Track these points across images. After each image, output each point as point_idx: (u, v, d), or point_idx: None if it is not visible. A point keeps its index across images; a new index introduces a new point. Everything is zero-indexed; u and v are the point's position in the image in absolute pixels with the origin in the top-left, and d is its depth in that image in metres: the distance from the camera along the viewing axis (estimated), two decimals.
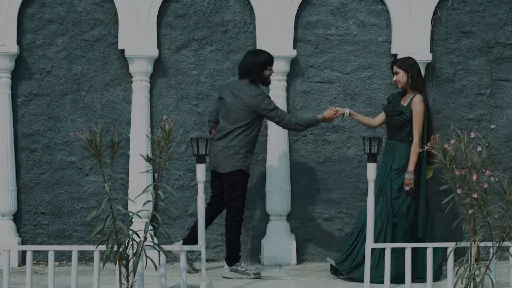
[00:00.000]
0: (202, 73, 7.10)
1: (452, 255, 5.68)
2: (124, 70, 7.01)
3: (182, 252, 5.67)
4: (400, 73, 6.34)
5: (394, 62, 6.40)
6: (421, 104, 6.26)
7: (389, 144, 6.44)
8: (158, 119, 6.98)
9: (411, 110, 6.27)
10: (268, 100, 6.34)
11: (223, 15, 7.09)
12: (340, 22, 7.16)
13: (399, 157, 6.33)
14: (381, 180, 6.34)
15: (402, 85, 6.37)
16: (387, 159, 6.40)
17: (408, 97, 6.37)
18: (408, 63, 6.33)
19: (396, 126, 6.37)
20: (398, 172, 6.32)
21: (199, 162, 5.81)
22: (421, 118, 6.24)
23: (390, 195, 6.32)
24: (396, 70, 6.36)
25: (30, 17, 6.98)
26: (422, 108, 6.25)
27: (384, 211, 6.29)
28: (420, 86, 6.34)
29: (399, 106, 6.36)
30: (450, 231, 6.86)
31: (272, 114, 6.34)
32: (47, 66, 7.00)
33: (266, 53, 6.48)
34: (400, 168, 6.31)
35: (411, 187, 6.24)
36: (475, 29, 7.21)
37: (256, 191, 7.16)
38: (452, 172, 5.31)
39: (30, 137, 7.00)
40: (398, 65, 6.35)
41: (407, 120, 6.29)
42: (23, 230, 7.00)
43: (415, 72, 6.32)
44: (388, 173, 6.35)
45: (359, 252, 6.29)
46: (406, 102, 6.35)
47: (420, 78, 6.36)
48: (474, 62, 7.22)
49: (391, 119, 6.42)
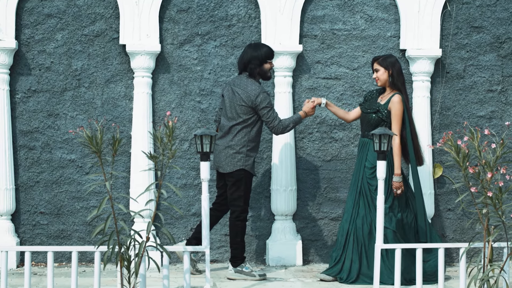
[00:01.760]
0: (206, 69, 7.06)
1: (465, 256, 5.61)
2: (125, 66, 6.99)
3: (186, 253, 5.63)
4: (381, 71, 6.30)
5: (375, 59, 6.37)
6: (400, 103, 6.21)
7: (362, 142, 6.40)
8: (161, 116, 6.98)
9: (389, 109, 6.23)
10: (264, 96, 6.25)
11: (227, 9, 7.05)
12: (347, 17, 7.12)
13: (372, 156, 6.26)
14: (357, 181, 6.33)
15: (381, 83, 6.34)
16: (361, 157, 6.36)
17: (387, 96, 6.33)
18: (389, 60, 6.30)
19: (371, 124, 6.31)
20: (372, 171, 6.25)
21: (203, 159, 5.76)
22: (400, 118, 6.21)
23: (370, 197, 6.25)
24: (376, 67, 6.33)
25: (29, 11, 6.94)
26: (401, 108, 6.21)
27: (369, 214, 6.24)
28: (400, 85, 6.30)
29: (376, 104, 6.32)
30: (459, 231, 6.81)
31: (264, 112, 6.26)
32: (46, 62, 6.96)
33: (266, 46, 6.42)
34: (374, 166, 6.22)
35: (402, 190, 6.22)
36: (486, 24, 7.16)
37: (261, 190, 7.12)
38: (466, 170, 5.23)
39: (28, 134, 6.96)
40: (379, 62, 6.32)
41: (382, 118, 6.25)
42: (22, 230, 6.97)
43: (396, 70, 6.28)
44: (363, 172, 6.30)
45: (346, 258, 6.25)
46: (384, 101, 6.32)
47: (400, 77, 6.31)
48: (485, 58, 7.16)
49: (366, 116, 6.36)
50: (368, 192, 6.25)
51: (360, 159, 6.36)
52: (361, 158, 6.35)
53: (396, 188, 6.21)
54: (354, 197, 6.31)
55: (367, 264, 6.20)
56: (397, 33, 7.09)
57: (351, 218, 6.28)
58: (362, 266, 6.22)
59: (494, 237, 5.28)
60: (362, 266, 6.22)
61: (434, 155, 7.09)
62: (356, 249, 6.22)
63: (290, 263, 6.98)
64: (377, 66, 6.32)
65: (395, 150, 6.19)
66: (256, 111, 6.28)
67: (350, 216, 6.29)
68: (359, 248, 6.22)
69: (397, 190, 6.21)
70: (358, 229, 6.23)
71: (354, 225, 6.25)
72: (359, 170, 6.33)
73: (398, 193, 6.21)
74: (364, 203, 6.26)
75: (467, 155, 5.25)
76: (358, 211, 6.25)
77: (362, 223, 6.21)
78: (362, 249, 6.21)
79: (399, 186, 6.20)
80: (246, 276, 6.35)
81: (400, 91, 6.28)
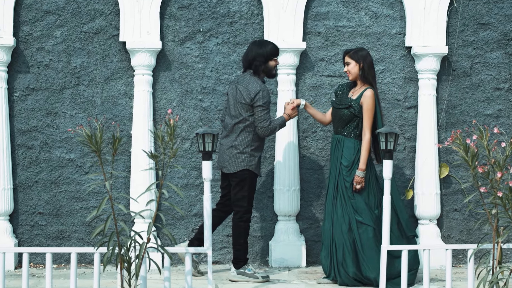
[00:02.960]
0: (207, 66, 7.02)
1: (473, 258, 5.58)
2: (125, 64, 6.96)
3: (187, 254, 5.60)
4: (351, 64, 6.26)
5: (346, 52, 6.33)
6: (372, 98, 6.18)
7: (336, 139, 6.35)
8: (161, 115, 6.97)
9: (361, 104, 6.19)
10: (263, 95, 6.21)
11: (229, 6, 7.01)
12: (352, 13, 7.08)
13: (348, 152, 6.24)
14: (334, 179, 6.28)
15: (352, 77, 6.30)
16: (336, 155, 6.32)
17: (358, 90, 6.30)
18: (360, 54, 6.26)
19: (343, 119, 6.27)
20: (348, 169, 6.23)
21: (205, 159, 5.73)
22: (372, 113, 6.17)
23: (346, 194, 6.22)
24: (347, 60, 6.29)
25: (27, 8, 6.91)
26: (373, 103, 6.18)
27: (346, 212, 6.20)
28: (371, 79, 6.26)
29: (348, 99, 6.28)
30: (465, 232, 6.77)
31: (258, 110, 6.21)
32: (45, 59, 6.93)
33: (271, 43, 6.40)
34: (350, 164, 6.21)
35: (362, 186, 6.17)
36: (493, 21, 7.11)
37: (264, 190, 7.08)
38: (475, 169, 5.22)
39: (27, 133, 6.93)
40: (350, 55, 6.28)
41: (355, 114, 6.22)
42: (20, 231, 6.95)
43: (367, 64, 6.24)
44: (339, 170, 6.26)
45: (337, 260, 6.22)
46: (355, 95, 6.28)
47: (371, 70, 6.28)
48: (492, 55, 7.11)
49: (338, 112, 6.31)
50: (345, 190, 6.21)
51: (336, 157, 6.30)
52: (337, 155, 6.29)
53: (356, 183, 6.17)
54: (332, 196, 6.26)
55: (351, 264, 6.14)
56: (402, 30, 7.06)
57: (332, 220, 6.23)
58: (347, 266, 6.15)
59: (504, 238, 5.27)
60: (347, 266, 6.15)
61: (440, 154, 7.02)
62: (341, 249, 6.17)
63: (293, 265, 6.94)
64: (348, 59, 6.27)
65: (364, 145, 6.15)
66: (253, 109, 6.24)
67: (331, 218, 6.24)
68: (342, 248, 6.16)
69: (357, 184, 6.16)
70: (337, 229, 6.18)
71: (336, 226, 6.20)
72: (336, 168, 6.28)
73: (357, 188, 6.16)
74: (341, 201, 6.22)
75: (476, 154, 5.23)
76: (337, 210, 6.21)
77: (341, 222, 6.16)
78: (344, 248, 6.15)
79: (361, 181, 6.16)
80: (249, 278, 6.32)
81: (372, 85, 6.24)
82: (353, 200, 6.18)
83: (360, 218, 6.16)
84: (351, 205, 6.17)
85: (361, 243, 6.12)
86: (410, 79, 7.02)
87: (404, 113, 7.03)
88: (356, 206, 6.17)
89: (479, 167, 5.13)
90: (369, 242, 6.11)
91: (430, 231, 6.90)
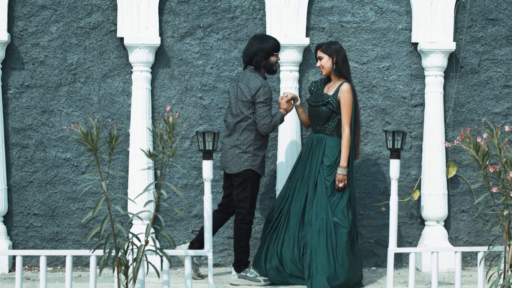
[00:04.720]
0: (208, 63, 6.96)
1: (483, 261, 5.52)
2: (123, 60, 6.93)
3: (187, 257, 5.55)
4: (324, 58, 6.20)
5: (318, 46, 6.26)
6: (349, 92, 6.12)
7: (316, 138, 6.27)
8: (160, 113, 6.92)
9: (338, 99, 6.12)
10: (264, 91, 6.14)
11: (230, 0, 6.96)
12: (357, 8, 7.00)
13: (330, 151, 6.17)
14: (313, 178, 6.19)
15: (326, 72, 6.22)
16: (317, 154, 6.21)
17: (334, 85, 6.23)
18: (333, 47, 6.20)
19: (322, 117, 6.19)
20: (330, 168, 6.15)
21: (206, 158, 5.67)
22: (350, 108, 6.10)
23: (325, 194, 6.13)
24: (320, 55, 6.22)
25: (22, 2, 6.88)
26: (350, 98, 6.12)
27: (323, 211, 6.09)
28: (346, 73, 6.20)
29: (324, 96, 6.20)
30: (473, 233, 6.65)
31: (259, 106, 6.14)
32: (40, 56, 6.89)
33: (273, 38, 6.34)
34: (333, 163, 6.14)
35: (344, 184, 6.09)
36: (502, 16, 7.04)
37: (266, 190, 7.00)
38: (485, 169, 5.10)
39: (21, 132, 6.90)
40: (322, 49, 6.22)
41: (333, 110, 6.14)
42: (14, 232, 6.91)
43: (341, 57, 6.18)
44: (320, 169, 6.17)
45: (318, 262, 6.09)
46: (332, 91, 6.21)
47: (346, 64, 6.22)
48: (501, 52, 7.04)
49: (316, 110, 6.23)
50: (324, 189, 6.11)
51: (316, 157, 6.19)
52: (317, 155, 6.18)
53: (339, 181, 6.09)
54: (306, 195, 6.14)
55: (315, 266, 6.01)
56: (408, 26, 6.97)
57: (302, 221, 6.13)
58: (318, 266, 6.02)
59: None
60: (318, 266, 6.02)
61: (447, 153, 6.90)
62: (310, 250, 6.04)
63: None
64: (320, 53, 6.20)
65: (344, 141, 6.07)
66: (254, 105, 6.18)
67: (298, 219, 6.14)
68: (311, 249, 6.04)
69: (340, 183, 6.08)
70: (309, 230, 6.08)
71: (308, 227, 6.09)
72: (316, 167, 6.16)
73: (340, 186, 6.08)
74: (318, 199, 6.10)
75: (487, 153, 5.12)
76: (312, 208, 6.09)
77: (314, 220, 6.05)
78: (317, 249, 6.02)
79: (343, 179, 6.08)
80: (251, 282, 6.26)
81: (347, 79, 6.16)
82: (332, 200, 6.08)
83: (337, 219, 6.06)
84: (330, 206, 6.06)
85: (336, 244, 6.01)
86: (417, 76, 6.90)
87: (411, 111, 6.91)
88: (333, 208, 6.07)
89: (490, 166, 5.01)
90: (343, 245, 5.99)
91: (437, 233, 6.80)
